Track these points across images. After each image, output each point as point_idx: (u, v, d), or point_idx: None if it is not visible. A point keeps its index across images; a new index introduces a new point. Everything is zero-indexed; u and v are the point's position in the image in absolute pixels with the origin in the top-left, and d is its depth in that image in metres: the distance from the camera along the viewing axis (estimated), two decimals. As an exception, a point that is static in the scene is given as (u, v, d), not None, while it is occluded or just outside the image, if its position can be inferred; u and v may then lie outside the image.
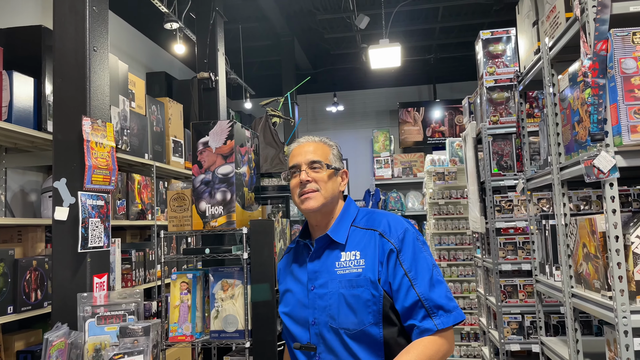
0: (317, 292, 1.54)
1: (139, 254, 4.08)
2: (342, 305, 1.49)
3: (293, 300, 1.59)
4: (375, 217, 1.60)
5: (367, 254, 1.53)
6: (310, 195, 1.57)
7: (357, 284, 1.50)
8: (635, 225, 1.75)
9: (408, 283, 1.48)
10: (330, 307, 1.50)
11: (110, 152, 2.70)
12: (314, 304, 1.53)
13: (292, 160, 1.66)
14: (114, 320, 2.30)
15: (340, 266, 1.54)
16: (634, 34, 1.74)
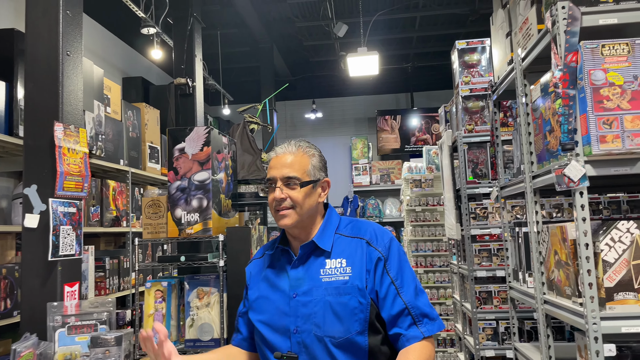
0: (299, 299, 1.49)
1: (113, 261, 4.01)
2: (328, 313, 1.47)
3: (270, 307, 1.53)
4: (360, 226, 1.60)
5: (354, 261, 1.52)
6: (285, 213, 1.53)
7: (344, 291, 1.48)
8: (605, 233, 1.79)
9: (395, 291, 1.49)
10: (315, 314, 1.47)
11: (83, 158, 2.65)
12: (296, 312, 1.49)
13: (269, 171, 1.61)
14: (85, 330, 2.25)
15: (326, 273, 1.51)
16: (603, 47, 1.79)
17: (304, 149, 1.60)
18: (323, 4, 6.39)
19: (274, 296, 1.54)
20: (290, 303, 1.50)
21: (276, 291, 1.54)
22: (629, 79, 1.76)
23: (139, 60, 6.48)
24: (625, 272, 1.76)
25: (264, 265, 1.64)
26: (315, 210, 1.59)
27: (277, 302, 1.52)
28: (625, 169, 1.78)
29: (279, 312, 1.51)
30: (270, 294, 1.55)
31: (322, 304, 1.47)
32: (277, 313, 1.52)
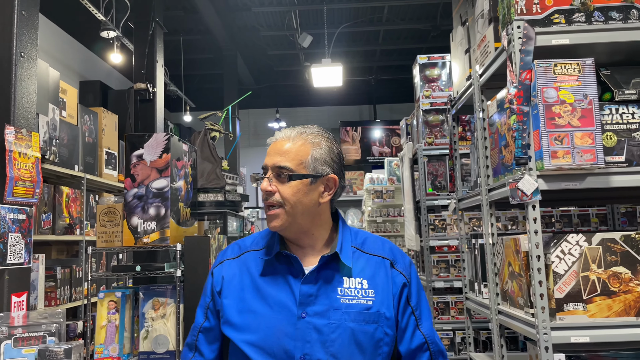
0: (311, 321, 1.23)
1: (64, 270, 3.87)
2: (351, 342, 1.24)
3: (264, 326, 1.25)
4: (377, 241, 1.39)
5: (376, 284, 1.30)
6: (274, 212, 1.29)
7: (370, 318, 1.26)
8: (556, 245, 1.85)
9: (415, 322, 1.32)
10: (334, 342, 1.23)
11: (35, 163, 2.56)
12: (305, 335, 1.23)
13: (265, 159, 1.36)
14: (33, 342, 2.15)
15: (345, 294, 1.27)
16: (555, 66, 1.86)
17: (307, 135, 1.34)
18: (288, 15, 6.42)
19: (270, 312, 1.26)
20: (297, 324, 1.23)
21: (274, 307, 1.26)
22: (579, 98, 1.84)
23: (97, 64, 6.33)
24: (575, 283, 1.82)
25: (246, 269, 1.34)
26: (316, 212, 1.32)
27: (276, 321, 1.25)
28: (575, 184, 1.85)
29: (279, 333, 1.24)
30: (264, 309, 1.26)
31: (343, 331, 1.24)
32: (274, 334, 1.24)
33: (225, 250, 1.41)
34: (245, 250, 1.37)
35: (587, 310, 1.81)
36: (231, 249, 1.40)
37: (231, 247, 1.41)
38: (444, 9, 6.50)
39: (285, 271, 1.29)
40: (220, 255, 1.41)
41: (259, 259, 1.33)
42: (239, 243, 1.40)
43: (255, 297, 1.28)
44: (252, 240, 1.39)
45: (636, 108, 1.91)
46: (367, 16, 6.80)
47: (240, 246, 1.39)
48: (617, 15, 1.94)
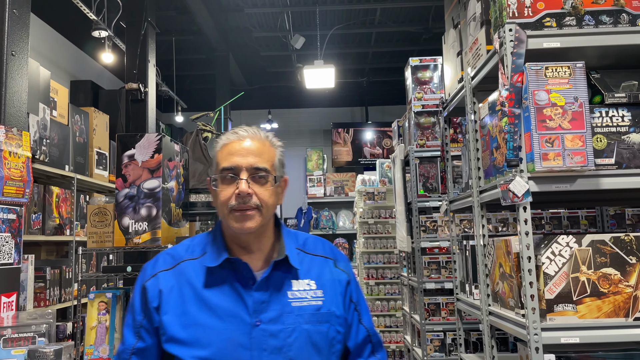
0: (266, 328, 1.21)
1: (54, 271, 3.84)
2: (307, 344, 1.23)
3: (217, 339, 1.19)
4: (315, 241, 1.39)
5: (323, 284, 1.30)
6: (250, 214, 1.23)
7: (323, 318, 1.27)
8: (546, 246, 1.86)
9: (357, 317, 1.35)
10: (290, 347, 1.21)
11: (26, 163, 2.54)
12: (261, 344, 1.20)
13: (227, 159, 1.26)
14: (22, 342, 2.14)
15: (295, 297, 1.26)
16: (547, 69, 1.88)
17: (270, 138, 1.33)
18: (281, 16, 6.42)
19: (221, 324, 1.20)
20: (252, 333, 1.20)
21: (225, 317, 1.21)
22: (570, 100, 1.86)
23: (89, 64, 6.29)
24: (565, 284, 1.83)
25: (185, 280, 1.25)
26: (273, 214, 1.33)
27: (229, 333, 1.20)
28: (565, 186, 1.87)
29: (233, 345, 1.19)
30: (213, 322, 1.21)
31: (299, 334, 1.23)
32: (228, 346, 1.19)
33: (154, 261, 1.30)
34: (181, 260, 1.28)
35: (577, 311, 1.82)
36: (163, 260, 1.30)
37: (162, 258, 1.30)
38: (436, 12, 6.53)
39: (232, 279, 1.24)
40: (151, 267, 1.29)
41: (199, 268, 1.26)
42: (170, 253, 1.31)
43: (201, 309, 1.22)
44: (186, 249, 1.31)
45: (626, 111, 1.93)
46: (359, 18, 6.82)
47: (172, 256, 1.30)
48: (608, 19, 1.96)
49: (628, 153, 1.91)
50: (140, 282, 1.29)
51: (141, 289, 1.27)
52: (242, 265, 1.24)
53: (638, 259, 1.83)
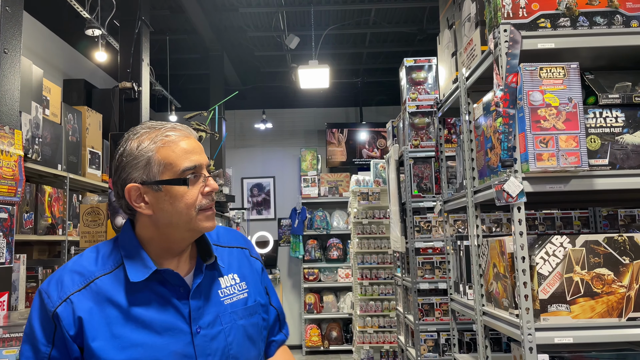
0: (206, 333, 1.18)
1: (46, 271, 3.81)
2: (245, 339, 1.24)
3: (157, 356, 1.13)
4: (227, 232, 1.37)
5: (244, 275, 1.31)
6: (213, 212, 1.21)
7: (252, 311, 1.28)
8: (540, 247, 1.87)
9: (268, 299, 1.38)
10: (231, 345, 1.21)
11: (18, 162, 2.52)
12: (204, 349, 1.17)
13: (188, 157, 1.17)
14: (14, 343, 2.12)
15: (225, 295, 1.25)
16: (541, 69, 1.89)
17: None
18: (275, 16, 6.41)
19: (161, 340, 1.14)
20: (195, 341, 1.17)
21: (164, 332, 1.14)
22: (564, 101, 1.86)
23: (82, 62, 6.25)
24: (559, 284, 1.84)
25: (106, 299, 1.13)
26: None
27: (172, 346, 1.14)
28: (559, 186, 1.88)
29: (178, 358, 1.15)
30: (153, 339, 1.13)
31: (236, 331, 1.23)
32: (171, 359, 1.14)
33: (57, 282, 1.14)
34: (93, 278, 1.15)
35: (571, 311, 1.83)
36: (70, 279, 1.14)
37: (68, 277, 1.15)
38: (430, 12, 6.54)
39: (162, 290, 1.17)
40: (55, 290, 1.13)
41: (117, 283, 1.15)
42: (76, 270, 1.16)
43: (135, 329, 1.13)
44: (94, 262, 1.18)
45: (619, 112, 1.94)
46: (354, 19, 6.82)
47: (81, 273, 1.16)
48: (602, 21, 1.97)
49: (621, 154, 1.92)
50: (41, 309, 1.13)
51: (48, 317, 1.11)
52: (173, 276, 1.18)
53: (631, 259, 1.84)
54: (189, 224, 1.18)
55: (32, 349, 1.13)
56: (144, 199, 1.18)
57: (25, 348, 1.14)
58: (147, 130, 1.20)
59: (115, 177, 1.22)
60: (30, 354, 1.12)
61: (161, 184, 1.16)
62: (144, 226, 1.21)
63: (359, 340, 6.28)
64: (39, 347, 1.12)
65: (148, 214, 1.18)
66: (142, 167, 1.17)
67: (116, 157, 1.21)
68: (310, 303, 8.01)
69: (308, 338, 7.89)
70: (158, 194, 1.17)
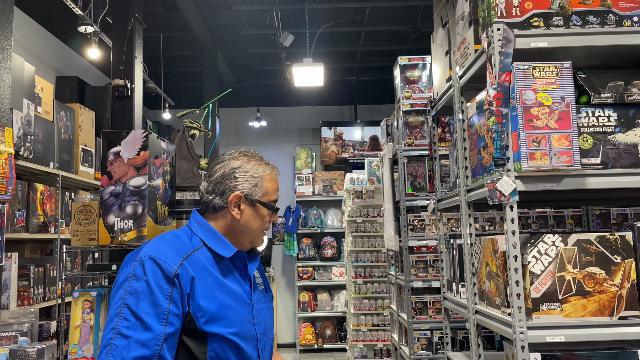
0: (257, 307, 1.54)
1: (38, 269, 3.79)
2: (271, 317, 1.61)
3: (238, 317, 1.45)
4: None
5: (260, 272, 1.66)
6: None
7: (269, 298, 1.63)
8: (533, 245, 1.87)
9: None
10: (266, 320, 1.57)
11: (8, 159, 2.49)
12: (257, 319, 1.52)
13: (275, 192, 1.59)
14: (4, 342, 2.10)
15: (257, 283, 1.60)
16: (534, 68, 1.89)
17: None
18: (269, 13, 6.39)
19: (236, 304, 1.46)
20: (252, 311, 1.51)
21: (237, 299, 1.47)
22: (557, 100, 1.87)
23: (74, 59, 6.21)
24: (551, 283, 1.84)
25: (202, 268, 1.44)
26: None
27: (242, 311, 1.47)
28: (551, 185, 1.88)
29: (246, 322, 1.48)
30: (231, 302, 1.45)
31: (267, 310, 1.59)
32: (245, 322, 1.47)
33: (167, 252, 1.40)
34: (191, 251, 1.45)
35: (563, 310, 1.83)
36: (175, 251, 1.42)
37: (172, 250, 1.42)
38: (424, 11, 6.54)
39: (231, 267, 1.50)
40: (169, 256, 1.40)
41: (206, 259, 1.46)
42: (175, 245, 1.44)
43: (222, 292, 1.43)
44: (184, 241, 1.47)
45: (612, 111, 1.95)
46: (348, 17, 6.81)
47: (180, 247, 1.44)
48: (595, 20, 1.98)
49: (614, 153, 1.92)
50: (160, 271, 1.36)
51: (168, 277, 1.36)
52: (244, 258, 1.52)
53: (623, 258, 1.85)
54: (254, 237, 1.56)
55: (151, 305, 1.33)
56: (239, 206, 1.52)
57: (145, 305, 1.33)
58: (260, 161, 1.58)
59: (221, 179, 1.53)
60: (151, 309, 1.33)
61: (259, 203, 1.53)
62: (222, 224, 1.53)
63: (353, 339, 6.29)
64: (159, 303, 1.34)
65: (237, 218, 1.51)
66: (252, 184, 1.53)
67: (230, 168, 1.54)
68: (304, 301, 8.00)
69: (302, 336, 7.89)
70: (251, 208, 1.53)
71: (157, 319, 1.32)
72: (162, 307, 1.33)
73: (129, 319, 1.31)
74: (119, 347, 1.28)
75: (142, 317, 1.31)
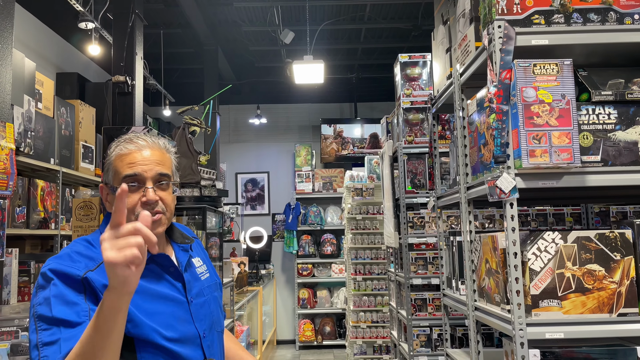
0: (196, 302, 1.42)
1: (38, 265, 3.79)
2: (218, 308, 1.52)
3: (168, 320, 1.32)
4: (183, 227, 1.63)
5: (203, 259, 1.57)
6: (157, 219, 1.33)
7: (215, 287, 1.55)
8: (532, 242, 1.88)
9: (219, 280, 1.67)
10: (212, 313, 1.47)
11: (9, 155, 2.50)
12: (197, 315, 1.40)
13: (128, 166, 1.33)
14: (5, 337, 2.11)
15: (200, 273, 1.50)
16: (535, 66, 1.89)
17: (166, 146, 1.43)
18: (270, 10, 6.38)
19: (168, 308, 1.34)
20: (190, 308, 1.39)
21: (165, 301, 1.34)
22: (557, 98, 1.87)
23: (75, 56, 6.21)
24: (550, 280, 1.85)
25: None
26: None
27: (176, 313, 1.35)
28: (552, 182, 1.88)
29: (182, 322, 1.36)
30: (161, 307, 1.33)
31: (213, 301, 1.49)
32: (180, 324, 1.35)
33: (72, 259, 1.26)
34: (100, 261, 1.26)
35: (562, 306, 1.84)
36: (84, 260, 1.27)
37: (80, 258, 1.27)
38: (425, 8, 6.53)
39: (156, 269, 1.37)
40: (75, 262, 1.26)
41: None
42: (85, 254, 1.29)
43: (146, 299, 1.30)
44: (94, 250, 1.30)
45: (612, 109, 1.95)
46: (349, 14, 6.80)
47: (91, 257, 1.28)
48: (595, 17, 1.98)
49: (614, 150, 1.93)
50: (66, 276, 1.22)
51: (77, 281, 1.22)
52: (166, 259, 1.38)
53: (622, 255, 1.85)
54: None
55: (67, 305, 1.19)
56: (107, 198, 1.39)
57: (58, 308, 1.18)
58: (118, 141, 1.40)
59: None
60: (67, 309, 1.18)
61: (111, 187, 1.36)
62: None
63: (352, 335, 6.30)
64: (75, 301, 1.20)
65: (110, 211, 1.37)
66: (105, 171, 1.39)
67: None
68: (303, 298, 8.02)
69: (301, 333, 7.91)
70: (112, 196, 1.35)
71: (77, 316, 1.20)
72: (80, 305, 1.20)
73: (49, 327, 1.18)
74: (50, 356, 1.15)
75: (61, 317, 1.18)
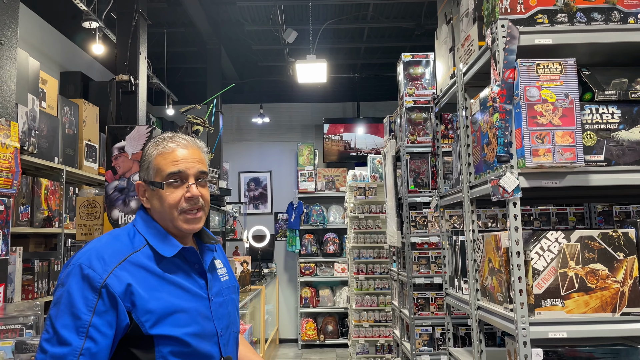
0: (216, 301, 1.45)
1: (42, 264, 3.81)
2: (235, 310, 1.54)
3: (192, 315, 1.36)
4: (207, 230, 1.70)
5: (224, 263, 1.59)
6: (199, 215, 1.41)
7: (234, 290, 1.57)
8: (535, 242, 1.88)
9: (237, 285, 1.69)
10: (229, 313, 1.49)
11: (14, 154, 2.51)
12: (216, 314, 1.43)
13: (172, 164, 1.39)
14: (10, 334, 2.12)
15: (220, 274, 1.53)
16: (538, 65, 1.89)
17: (201, 145, 1.50)
18: (273, 9, 6.39)
19: (190, 304, 1.37)
20: (210, 306, 1.42)
21: (191, 297, 1.38)
22: (561, 97, 1.87)
23: (79, 55, 6.22)
24: (553, 279, 1.85)
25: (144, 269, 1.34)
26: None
27: (199, 309, 1.39)
28: (555, 182, 1.88)
29: (204, 319, 1.39)
30: (185, 302, 1.37)
31: (231, 302, 1.52)
32: (202, 320, 1.39)
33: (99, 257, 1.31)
34: (131, 252, 1.35)
35: (565, 306, 1.84)
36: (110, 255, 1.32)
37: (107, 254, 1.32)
38: (428, 8, 6.53)
39: (182, 264, 1.41)
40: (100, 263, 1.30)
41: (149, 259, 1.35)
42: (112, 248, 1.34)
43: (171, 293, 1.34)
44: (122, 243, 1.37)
45: (615, 108, 1.95)
46: (352, 13, 6.80)
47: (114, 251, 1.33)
48: (599, 17, 1.98)
49: (617, 150, 1.93)
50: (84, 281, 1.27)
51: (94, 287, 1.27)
52: (194, 253, 1.42)
53: (625, 255, 1.85)
54: (172, 222, 1.40)
55: (71, 317, 1.25)
56: (144, 194, 1.44)
57: (63, 317, 1.25)
58: (157, 142, 1.45)
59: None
60: (69, 321, 1.24)
61: (152, 184, 1.41)
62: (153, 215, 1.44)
63: (355, 334, 6.31)
64: (79, 315, 1.25)
65: (147, 206, 1.43)
66: (145, 168, 1.43)
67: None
68: (306, 297, 8.03)
69: (304, 332, 7.92)
70: (152, 192, 1.42)
71: (76, 333, 1.24)
72: (81, 320, 1.24)
73: (49, 331, 1.26)
74: None
75: (59, 330, 1.24)
